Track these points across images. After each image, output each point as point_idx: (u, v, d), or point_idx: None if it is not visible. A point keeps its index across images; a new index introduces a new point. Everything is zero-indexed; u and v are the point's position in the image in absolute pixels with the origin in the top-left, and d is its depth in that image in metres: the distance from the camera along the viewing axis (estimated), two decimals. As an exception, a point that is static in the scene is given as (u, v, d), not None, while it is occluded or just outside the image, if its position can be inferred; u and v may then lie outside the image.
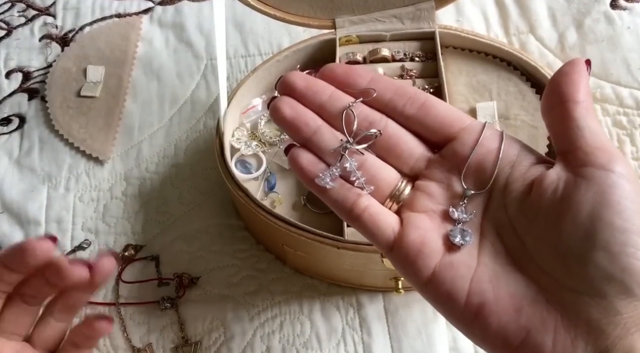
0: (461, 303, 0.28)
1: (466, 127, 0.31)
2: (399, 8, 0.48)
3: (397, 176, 0.32)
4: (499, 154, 0.30)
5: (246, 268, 0.48)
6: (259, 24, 0.60)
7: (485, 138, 0.31)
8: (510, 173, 0.29)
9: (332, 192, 0.32)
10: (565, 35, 0.56)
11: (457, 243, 0.30)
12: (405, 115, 0.32)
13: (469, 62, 0.48)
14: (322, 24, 0.49)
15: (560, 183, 0.27)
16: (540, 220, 0.27)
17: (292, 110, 0.33)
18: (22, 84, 0.60)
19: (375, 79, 0.33)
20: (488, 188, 0.30)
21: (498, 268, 0.29)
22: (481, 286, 0.28)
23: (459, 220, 0.30)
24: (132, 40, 0.61)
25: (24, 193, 0.53)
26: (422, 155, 0.32)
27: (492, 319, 0.27)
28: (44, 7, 0.65)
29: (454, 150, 0.31)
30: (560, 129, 0.29)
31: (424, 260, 0.30)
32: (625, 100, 0.52)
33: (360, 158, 0.32)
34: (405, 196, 0.32)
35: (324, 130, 0.33)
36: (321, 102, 0.33)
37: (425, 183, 0.32)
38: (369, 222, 0.31)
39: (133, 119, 0.56)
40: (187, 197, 0.51)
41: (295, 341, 0.44)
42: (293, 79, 0.33)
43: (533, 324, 0.27)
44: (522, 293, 0.28)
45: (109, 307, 0.47)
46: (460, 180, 0.31)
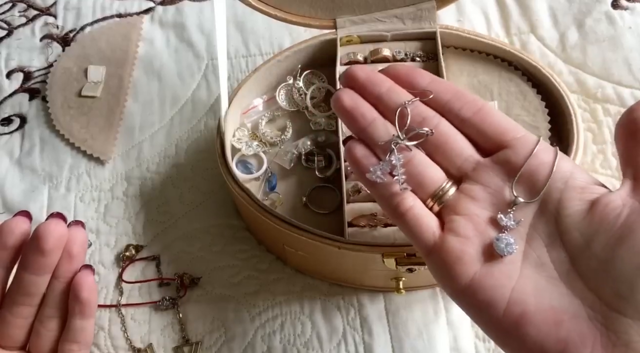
0: (500, 312, 0.29)
1: (520, 137, 0.32)
2: (400, 8, 0.48)
3: (443, 177, 0.33)
4: (553, 167, 0.30)
5: (247, 268, 0.48)
6: (260, 24, 0.60)
7: (540, 150, 0.31)
8: (564, 189, 0.30)
9: (380, 187, 0.33)
10: (566, 35, 0.56)
11: (500, 253, 0.29)
12: (461, 118, 0.33)
13: (470, 62, 0.48)
14: (323, 24, 0.49)
15: (624, 210, 0.28)
16: (598, 241, 0.28)
17: (351, 101, 0.34)
18: (23, 84, 0.60)
19: (435, 80, 0.34)
20: (538, 198, 0.30)
21: (541, 280, 0.29)
22: (522, 296, 0.29)
23: (507, 227, 0.30)
24: (133, 40, 0.61)
25: (24, 194, 0.53)
26: (470, 157, 0.33)
27: (531, 330, 0.28)
28: (44, 7, 0.65)
29: (506, 157, 0.32)
30: (632, 155, 0.29)
31: (463, 267, 0.30)
32: (627, 100, 0.52)
33: (409, 154, 0.33)
34: (448, 197, 0.32)
35: (378, 122, 0.34)
36: (379, 94, 0.34)
37: (471, 186, 0.32)
38: (411, 223, 0.32)
39: (134, 118, 0.56)
40: (188, 197, 0.52)
41: (296, 341, 0.45)
42: (355, 71, 0.35)
43: (572, 339, 0.27)
44: (563, 307, 0.28)
45: (110, 307, 0.47)
46: (510, 188, 0.31)
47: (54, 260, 0.38)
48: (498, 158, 0.32)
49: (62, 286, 0.39)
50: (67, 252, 0.39)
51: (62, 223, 0.38)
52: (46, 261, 0.38)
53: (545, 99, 0.45)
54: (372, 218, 0.41)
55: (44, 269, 0.38)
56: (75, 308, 0.39)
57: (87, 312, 0.39)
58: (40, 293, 0.39)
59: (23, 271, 0.38)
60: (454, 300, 0.31)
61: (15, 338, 0.39)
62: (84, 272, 0.39)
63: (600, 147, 0.50)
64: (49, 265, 0.38)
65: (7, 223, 0.38)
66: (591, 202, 0.29)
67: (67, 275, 0.39)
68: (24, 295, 0.38)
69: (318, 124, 0.48)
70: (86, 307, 0.39)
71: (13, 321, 0.39)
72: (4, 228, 0.38)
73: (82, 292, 0.39)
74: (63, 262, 0.39)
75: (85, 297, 0.39)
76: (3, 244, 0.38)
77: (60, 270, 0.39)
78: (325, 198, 0.45)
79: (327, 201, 0.45)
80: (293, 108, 0.49)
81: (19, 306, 0.38)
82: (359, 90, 0.35)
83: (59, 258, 0.38)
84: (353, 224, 0.41)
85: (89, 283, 0.39)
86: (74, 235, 0.39)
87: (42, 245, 0.37)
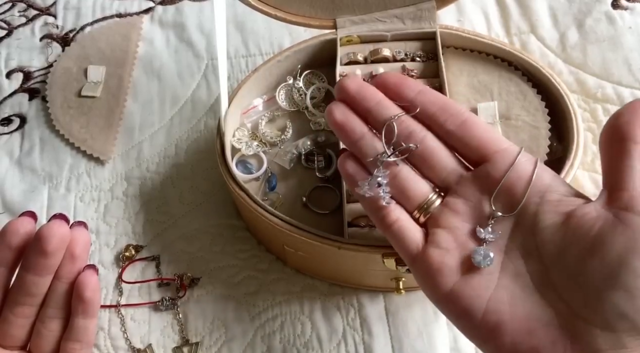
0: (477, 320, 0.30)
1: (502, 150, 0.33)
2: (400, 8, 0.48)
3: (429, 189, 0.34)
4: (531, 180, 0.31)
5: (247, 268, 0.48)
6: (260, 24, 0.60)
7: (519, 164, 0.32)
8: (541, 201, 0.31)
9: (368, 200, 0.34)
10: (566, 35, 0.56)
11: (477, 265, 0.31)
12: (446, 130, 0.34)
13: (470, 62, 0.48)
14: (323, 24, 0.49)
15: (598, 222, 0.28)
16: (570, 252, 0.29)
17: (342, 116, 0.36)
18: (22, 83, 0.60)
19: (423, 91, 0.35)
20: (516, 212, 0.31)
21: (517, 290, 0.30)
22: (498, 306, 0.30)
23: (485, 239, 0.31)
24: (132, 40, 0.61)
25: (24, 194, 0.53)
26: (454, 170, 0.34)
27: (505, 338, 0.29)
28: (44, 7, 0.65)
29: (487, 171, 0.33)
30: (613, 165, 0.29)
31: (443, 278, 0.31)
32: (627, 100, 0.52)
33: (395, 169, 0.34)
34: (433, 209, 0.33)
35: (366, 138, 0.35)
36: (369, 108, 0.36)
37: (454, 200, 0.33)
38: (396, 234, 0.33)
39: (134, 118, 0.56)
40: (187, 197, 0.51)
41: (296, 341, 0.44)
42: (347, 83, 0.36)
43: (543, 345, 0.28)
44: (537, 316, 0.29)
45: (110, 308, 0.47)
46: (490, 202, 0.32)
47: (56, 261, 0.38)
48: (479, 172, 0.33)
49: (64, 287, 0.39)
50: (70, 253, 0.39)
51: (64, 224, 0.38)
52: (48, 262, 0.38)
53: (545, 98, 0.45)
54: (372, 218, 0.41)
55: (46, 270, 0.38)
56: (78, 308, 0.39)
57: (90, 312, 0.39)
58: (42, 294, 0.39)
59: (25, 272, 0.38)
60: (437, 307, 0.33)
61: (16, 337, 0.39)
62: (88, 272, 0.39)
63: (600, 147, 0.50)
64: (51, 266, 0.38)
65: (12, 223, 0.38)
66: (566, 214, 0.30)
67: (69, 276, 0.39)
68: (25, 295, 0.38)
69: (318, 124, 0.48)
70: (89, 306, 0.39)
71: (14, 321, 0.39)
72: (8, 228, 0.38)
73: (85, 292, 0.39)
74: (65, 263, 0.39)
75: (88, 297, 0.39)
76: (7, 244, 0.38)
77: (63, 271, 0.39)
78: (325, 199, 0.45)
79: (327, 201, 0.45)
80: (293, 108, 0.49)
81: (21, 306, 0.39)
82: (350, 102, 0.36)
83: (62, 259, 0.39)
84: (353, 224, 0.41)
85: (93, 283, 0.39)
86: (77, 236, 0.39)
87: (44, 246, 0.37)
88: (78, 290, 0.39)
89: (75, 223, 0.40)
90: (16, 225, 0.38)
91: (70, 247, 0.39)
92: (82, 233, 0.40)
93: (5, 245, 0.38)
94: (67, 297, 0.39)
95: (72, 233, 0.39)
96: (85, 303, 0.39)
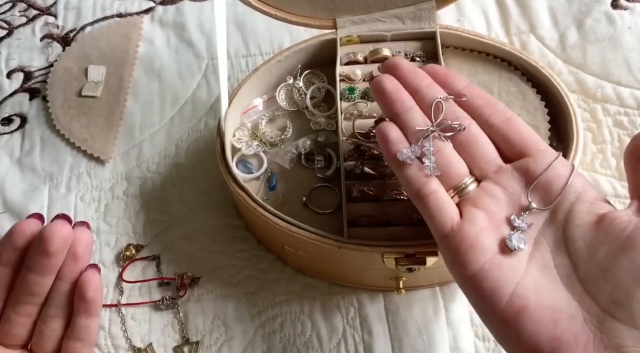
0: (502, 302, 0.30)
1: (542, 149, 0.34)
2: (399, 8, 0.48)
3: (467, 172, 0.35)
4: (568, 179, 0.33)
5: (247, 268, 0.48)
6: (260, 24, 0.61)
7: (557, 164, 0.33)
8: (575, 201, 0.32)
9: (408, 168, 0.35)
10: (566, 35, 0.56)
11: (511, 247, 0.32)
12: (490, 123, 0.35)
13: (469, 62, 0.48)
14: (323, 24, 0.49)
15: (630, 225, 0.30)
16: (601, 251, 0.30)
17: (392, 86, 0.37)
18: (23, 83, 0.60)
19: (471, 85, 0.37)
20: (551, 207, 0.32)
21: (543, 280, 0.31)
22: (525, 291, 0.30)
23: (519, 227, 0.32)
24: (133, 40, 0.61)
25: (25, 193, 0.53)
26: (493, 161, 0.35)
27: (528, 324, 0.29)
28: (45, 6, 0.65)
29: (527, 165, 0.34)
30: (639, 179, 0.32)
31: (475, 255, 0.32)
32: (626, 100, 0.52)
33: (440, 144, 0.35)
34: (468, 191, 0.34)
35: (415, 110, 0.36)
36: (419, 87, 0.37)
37: (492, 186, 0.34)
38: (432, 206, 0.34)
39: (134, 118, 0.57)
40: (188, 197, 0.52)
41: (296, 341, 0.45)
42: (400, 62, 0.37)
43: (566, 337, 0.29)
44: (562, 307, 0.30)
45: (110, 307, 0.47)
46: (526, 194, 0.33)
47: (59, 261, 0.38)
48: (519, 165, 0.34)
49: (66, 286, 0.39)
50: (72, 253, 0.39)
51: (67, 224, 0.38)
52: (50, 262, 0.38)
53: (544, 98, 0.45)
54: (372, 218, 0.41)
55: (48, 270, 0.38)
56: (81, 307, 0.39)
57: (92, 311, 0.39)
58: (44, 293, 0.39)
59: (28, 271, 0.38)
60: (461, 286, 0.33)
61: (18, 336, 0.39)
62: (90, 271, 0.40)
63: (600, 146, 0.50)
64: (54, 266, 0.38)
65: (20, 225, 0.39)
66: (599, 216, 0.31)
67: (71, 276, 0.39)
68: (27, 295, 0.38)
69: (318, 124, 0.49)
70: (91, 306, 0.39)
71: (16, 319, 0.39)
72: (15, 230, 0.38)
73: (87, 291, 0.39)
74: (68, 263, 0.39)
75: (90, 296, 0.39)
76: (13, 246, 0.38)
77: (65, 271, 0.39)
78: (325, 198, 0.45)
79: (327, 201, 0.45)
80: (293, 108, 0.49)
81: (23, 305, 0.39)
82: (400, 79, 0.37)
83: (64, 259, 0.39)
84: (353, 224, 0.41)
85: (95, 282, 0.39)
86: (79, 236, 0.39)
87: (47, 247, 0.37)
88: (80, 289, 0.39)
89: (78, 223, 0.40)
90: (23, 227, 0.38)
91: (72, 247, 0.39)
92: (84, 233, 0.40)
93: (11, 246, 0.38)
94: (70, 296, 0.39)
95: (75, 234, 0.39)
96: (87, 302, 0.39)
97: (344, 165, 0.43)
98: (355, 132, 0.44)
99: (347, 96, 0.47)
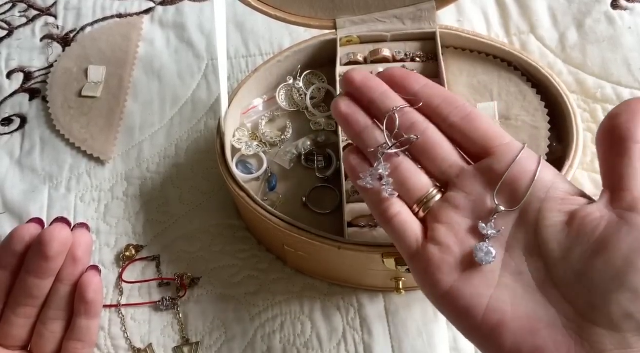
0: (478, 319, 0.29)
1: (505, 144, 0.32)
2: (399, 8, 0.48)
3: (429, 183, 0.33)
4: (535, 175, 0.30)
5: (247, 268, 0.48)
6: (260, 24, 0.61)
7: (523, 158, 0.31)
8: (545, 198, 0.30)
9: (370, 192, 0.34)
10: (566, 35, 0.56)
11: (480, 262, 0.30)
12: (449, 123, 0.34)
13: (469, 62, 0.48)
14: (323, 24, 0.49)
15: (602, 222, 0.28)
16: (575, 252, 0.28)
17: (347, 108, 0.36)
18: (23, 84, 0.60)
19: (428, 85, 0.35)
20: (519, 207, 0.30)
21: (519, 289, 0.29)
22: (500, 304, 0.29)
23: (488, 235, 0.31)
24: (133, 41, 0.61)
25: (25, 194, 0.53)
26: (455, 163, 0.33)
27: (507, 337, 0.28)
28: (45, 7, 0.65)
29: (489, 165, 0.32)
30: (613, 165, 0.29)
31: (443, 276, 0.31)
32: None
33: (396, 161, 0.34)
34: (433, 204, 0.33)
35: (369, 129, 0.35)
36: (372, 99, 0.35)
37: (455, 194, 0.32)
38: (396, 228, 0.33)
39: (134, 119, 0.57)
40: (188, 197, 0.52)
41: (296, 341, 0.45)
42: (352, 75, 0.36)
43: (547, 346, 0.27)
44: (539, 316, 0.28)
45: (110, 307, 0.47)
46: (492, 196, 0.31)
47: (58, 264, 0.38)
48: (481, 166, 0.32)
49: (66, 289, 0.39)
50: (72, 255, 0.39)
51: (66, 228, 0.38)
52: (50, 266, 0.38)
53: (544, 99, 0.45)
54: (372, 218, 0.41)
55: (47, 273, 0.38)
56: (81, 309, 0.39)
57: (92, 312, 0.39)
58: (43, 296, 0.39)
59: (27, 274, 0.38)
60: (435, 306, 0.32)
61: (17, 337, 0.39)
62: (91, 273, 0.40)
63: (600, 147, 0.50)
64: (53, 269, 0.38)
65: (19, 230, 0.39)
66: (570, 214, 0.29)
67: (71, 279, 0.39)
68: (27, 297, 0.39)
69: (318, 124, 0.49)
70: (92, 307, 0.39)
71: (16, 321, 0.39)
72: (15, 234, 0.39)
73: (88, 293, 0.39)
74: (67, 266, 0.39)
75: (91, 298, 0.39)
76: (12, 250, 0.38)
77: (65, 274, 0.39)
78: (325, 199, 0.45)
79: (327, 201, 0.45)
80: (293, 108, 0.49)
81: (23, 307, 0.39)
82: (355, 94, 0.36)
83: (64, 262, 0.39)
84: (353, 224, 0.41)
85: (95, 284, 0.39)
86: (78, 238, 0.39)
87: (46, 251, 0.37)
88: (81, 291, 0.39)
89: (77, 226, 0.40)
90: (22, 232, 0.38)
91: (72, 250, 0.39)
92: (83, 236, 0.40)
93: (10, 251, 0.38)
94: (69, 298, 0.40)
95: (74, 236, 0.39)
96: (87, 304, 0.39)
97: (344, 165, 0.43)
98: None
99: (347, 96, 0.47)
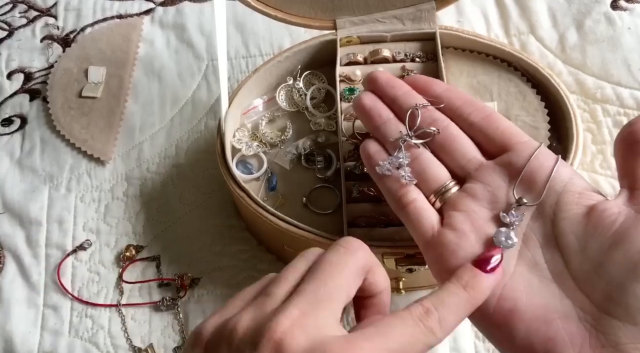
0: (491, 306, 0.29)
1: (523, 142, 0.33)
2: (399, 9, 0.48)
3: (447, 176, 0.35)
4: (553, 170, 0.31)
5: (247, 268, 0.48)
6: (260, 25, 0.61)
7: (541, 154, 0.32)
8: (562, 192, 0.31)
9: (387, 179, 0.35)
10: (565, 36, 0.56)
11: (498, 245, 0.31)
12: (470, 122, 0.35)
13: (469, 62, 0.48)
14: (322, 24, 0.49)
15: (620, 217, 0.29)
16: (592, 245, 0.29)
17: (370, 102, 0.38)
18: (23, 84, 0.60)
19: (450, 89, 0.38)
20: (540, 200, 0.31)
21: (534, 279, 0.30)
22: (514, 293, 0.29)
23: (511, 223, 0.31)
24: (133, 41, 0.61)
25: (25, 194, 0.53)
26: (474, 158, 0.34)
27: (520, 326, 0.29)
28: (45, 8, 0.65)
29: (509, 159, 0.33)
30: (630, 166, 0.30)
31: (457, 261, 0.31)
32: (626, 100, 0.52)
33: (416, 152, 0.35)
34: (450, 195, 0.34)
35: (391, 122, 0.37)
36: (395, 96, 0.38)
37: (473, 185, 0.33)
38: (412, 215, 0.34)
39: (134, 119, 0.57)
40: (188, 198, 0.52)
41: (296, 341, 0.44)
42: (377, 75, 0.39)
43: (561, 337, 0.28)
44: (554, 306, 0.29)
45: (110, 307, 0.47)
46: (510, 188, 0.32)
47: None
48: (501, 160, 0.33)
49: None
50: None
51: None
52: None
53: (544, 99, 0.45)
54: (372, 218, 0.41)
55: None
56: None
57: None
58: None
59: None
60: None
61: None
62: None
63: (600, 147, 0.50)
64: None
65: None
66: (588, 207, 0.30)
67: None
68: None
69: (318, 125, 0.49)
70: None
71: None
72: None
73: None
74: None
75: None
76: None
77: None
78: (325, 199, 0.45)
79: (327, 201, 0.45)
80: (293, 108, 0.50)
81: None
82: (378, 92, 0.38)
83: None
84: (353, 224, 0.41)
85: None
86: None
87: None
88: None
89: None
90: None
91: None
92: None
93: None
94: None
95: None
96: None
97: (344, 165, 0.43)
98: (355, 132, 0.44)
99: (347, 97, 0.47)
